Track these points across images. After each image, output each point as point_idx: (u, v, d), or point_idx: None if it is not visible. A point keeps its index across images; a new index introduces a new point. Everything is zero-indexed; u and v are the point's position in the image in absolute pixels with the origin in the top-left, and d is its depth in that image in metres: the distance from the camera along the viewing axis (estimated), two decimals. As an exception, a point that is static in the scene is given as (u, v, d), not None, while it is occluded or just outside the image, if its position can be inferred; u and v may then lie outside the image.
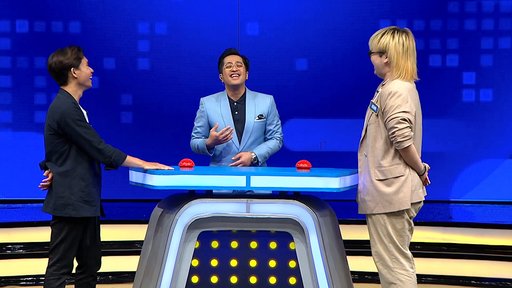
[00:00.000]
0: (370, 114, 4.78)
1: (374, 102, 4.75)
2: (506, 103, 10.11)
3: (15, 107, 10.07)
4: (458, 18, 10.10)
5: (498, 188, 10.11)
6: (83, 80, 4.88)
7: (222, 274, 4.82)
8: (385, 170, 4.70)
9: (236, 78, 5.78)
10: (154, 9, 10.15)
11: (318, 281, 4.76)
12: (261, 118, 5.81)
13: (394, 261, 4.72)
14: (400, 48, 4.72)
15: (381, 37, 4.75)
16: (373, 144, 4.73)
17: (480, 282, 7.20)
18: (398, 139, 4.61)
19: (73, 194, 4.78)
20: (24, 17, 10.00)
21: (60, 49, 4.87)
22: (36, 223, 7.80)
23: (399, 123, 4.60)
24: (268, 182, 4.77)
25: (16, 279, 7.19)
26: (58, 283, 4.80)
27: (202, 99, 5.91)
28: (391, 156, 4.70)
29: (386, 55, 4.74)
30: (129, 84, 10.16)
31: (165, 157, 5.13)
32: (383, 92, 4.69)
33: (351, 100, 9.94)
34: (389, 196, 4.68)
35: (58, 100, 4.82)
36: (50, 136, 4.80)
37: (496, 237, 7.66)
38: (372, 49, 4.79)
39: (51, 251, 4.85)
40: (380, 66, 4.78)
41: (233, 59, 5.82)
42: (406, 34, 4.75)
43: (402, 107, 4.61)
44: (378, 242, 4.74)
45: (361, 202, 4.82)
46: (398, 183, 4.68)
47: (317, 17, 10.14)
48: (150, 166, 4.86)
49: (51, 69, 4.84)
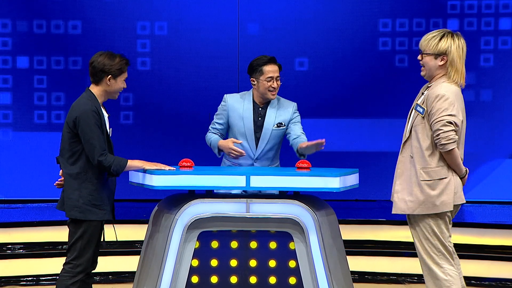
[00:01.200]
0: (415, 116, 4.79)
1: (420, 104, 4.77)
2: (506, 103, 10.11)
3: (15, 107, 10.07)
4: (458, 18, 10.10)
5: (498, 188, 10.10)
6: (113, 91, 4.92)
7: (222, 274, 4.82)
8: (431, 171, 4.73)
9: (275, 94, 5.68)
10: (154, 9, 10.14)
11: (318, 281, 4.76)
12: (280, 126, 5.69)
13: (441, 257, 4.77)
14: (461, 52, 4.77)
15: (440, 40, 4.74)
16: (420, 146, 4.75)
17: (480, 282, 7.20)
18: (442, 142, 4.65)
19: (81, 197, 4.77)
20: (24, 17, 10.00)
21: (111, 53, 4.88)
22: (36, 223, 7.80)
23: (445, 125, 4.65)
24: (268, 182, 4.78)
25: (16, 279, 7.19)
26: (73, 281, 4.79)
27: (226, 96, 5.75)
28: (437, 158, 4.74)
29: (445, 58, 4.74)
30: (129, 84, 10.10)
31: (165, 157, 5.12)
32: (431, 95, 4.72)
33: (351, 100, 9.94)
34: (433, 198, 4.73)
35: (81, 100, 4.84)
36: (66, 134, 4.82)
37: (496, 237, 7.66)
38: (427, 50, 4.77)
39: (68, 250, 4.85)
40: (434, 68, 4.78)
41: (274, 72, 5.66)
42: (463, 39, 4.79)
43: (449, 110, 4.66)
44: (425, 241, 4.77)
45: (399, 202, 4.81)
46: (442, 185, 4.74)
47: (317, 17, 10.14)
48: (151, 166, 4.86)
49: (92, 65, 4.86)
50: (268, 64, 5.67)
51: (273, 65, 5.68)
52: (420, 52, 4.84)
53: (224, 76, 9.89)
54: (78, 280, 4.81)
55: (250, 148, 5.66)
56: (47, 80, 10.04)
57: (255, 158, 5.68)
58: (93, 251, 4.85)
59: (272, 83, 5.64)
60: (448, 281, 4.75)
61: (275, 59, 5.73)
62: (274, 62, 5.71)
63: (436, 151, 4.75)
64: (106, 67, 4.83)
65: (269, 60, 5.68)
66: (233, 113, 5.67)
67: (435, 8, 10.10)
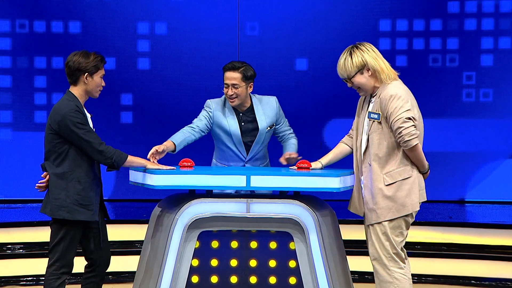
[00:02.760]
0: (370, 124, 4.80)
1: (374, 111, 4.78)
2: (506, 103, 10.11)
3: (15, 107, 10.07)
4: (458, 18, 10.11)
5: (498, 188, 10.10)
6: (91, 89, 4.89)
7: (222, 274, 4.83)
8: (393, 172, 4.73)
9: (233, 101, 5.56)
10: (154, 9, 10.15)
11: (318, 281, 4.76)
12: (272, 127, 5.69)
13: (390, 259, 4.75)
14: (374, 54, 4.81)
15: (351, 57, 4.80)
16: (378, 152, 4.76)
17: (480, 282, 7.20)
18: (406, 138, 4.66)
19: (68, 196, 4.77)
20: (24, 17, 10.00)
21: (85, 52, 4.88)
22: (36, 223, 7.80)
23: (405, 122, 4.66)
24: (268, 182, 4.78)
25: (16, 279, 7.19)
26: (58, 283, 4.80)
27: (210, 102, 5.65)
28: (397, 159, 4.74)
29: (367, 67, 4.78)
30: (129, 84, 10.16)
31: (165, 157, 5.12)
32: (383, 98, 4.74)
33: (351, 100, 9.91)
34: (402, 199, 4.72)
35: (62, 102, 4.83)
36: (50, 136, 4.80)
37: (496, 237, 7.66)
38: (351, 73, 4.80)
39: (50, 251, 4.85)
40: (367, 82, 4.82)
41: (230, 79, 5.53)
42: (367, 44, 4.84)
43: (405, 107, 4.68)
44: (376, 241, 4.76)
45: (369, 213, 4.80)
46: (407, 185, 4.73)
47: (317, 17, 10.14)
48: (153, 165, 4.87)
49: (67, 65, 4.85)
50: (227, 71, 5.56)
51: (230, 72, 5.54)
52: (346, 80, 4.85)
53: (224, 76, 9.89)
54: (63, 281, 4.82)
55: (240, 152, 5.65)
56: (47, 80, 10.04)
57: (246, 160, 5.69)
58: (75, 253, 4.86)
59: (227, 91, 5.54)
60: (393, 283, 4.73)
61: (234, 66, 5.55)
62: (234, 69, 5.54)
63: (396, 152, 4.74)
64: (82, 65, 4.82)
65: (229, 68, 5.56)
66: (218, 119, 5.62)
67: (435, 8, 10.11)
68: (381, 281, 4.78)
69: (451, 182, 10.15)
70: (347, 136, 5.15)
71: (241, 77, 5.54)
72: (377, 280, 4.80)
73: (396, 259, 4.75)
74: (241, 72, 5.55)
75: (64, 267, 4.82)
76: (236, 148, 5.64)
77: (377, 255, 4.77)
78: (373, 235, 4.78)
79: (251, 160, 5.69)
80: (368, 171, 4.80)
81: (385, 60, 4.84)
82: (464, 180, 10.15)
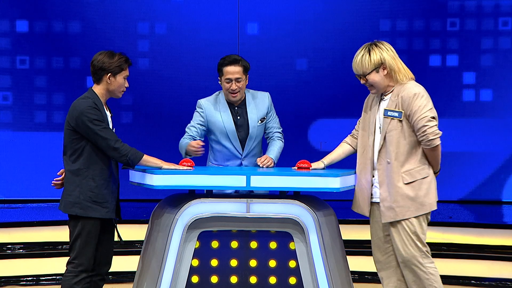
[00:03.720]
0: (388, 122, 4.79)
1: (392, 109, 4.77)
2: (506, 103, 10.11)
3: (15, 107, 10.07)
4: (458, 18, 10.10)
5: (498, 188, 10.10)
6: (113, 89, 4.92)
7: (222, 274, 4.82)
8: (413, 171, 4.75)
9: (235, 96, 5.55)
10: (154, 9, 10.15)
11: (318, 281, 4.76)
12: (262, 121, 5.67)
13: (424, 257, 4.78)
14: (392, 53, 4.83)
15: (370, 55, 4.78)
16: (397, 150, 4.76)
17: (480, 282, 7.20)
18: (430, 137, 4.68)
19: (81, 193, 4.78)
20: (24, 17, 10.00)
21: (111, 52, 4.93)
22: (36, 223, 7.80)
23: (430, 121, 4.69)
24: (268, 182, 4.78)
25: (16, 279, 7.19)
26: (75, 280, 4.79)
27: (201, 102, 5.65)
28: (417, 157, 4.77)
29: (384, 66, 4.77)
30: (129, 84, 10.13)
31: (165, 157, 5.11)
32: (405, 96, 4.73)
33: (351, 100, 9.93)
34: (421, 199, 4.75)
35: (81, 99, 4.86)
36: (68, 132, 4.83)
37: (496, 237, 7.66)
38: (367, 70, 4.79)
39: (70, 249, 4.87)
40: (381, 81, 4.81)
41: (233, 74, 5.49)
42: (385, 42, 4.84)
43: (428, 106, 4.72)
44: (409, 244, 4.77)
45: (387, 211, 4.80)
46: (425, 184, 4.77)
47: (317, 17, 10.14)
48: (169, 166, 4.85)
49: (92, 64, 4.89)
50: (228, 65, 5.51)
51: (233, 67, 5.50)
52: (359, 76, 4.83)
53: (224, 76, 9.89)
54: (81, 279, 4.81)
55: (235, 148, 5.64)
56: (47, 80, 10.04)
57: (243, 157, 5.67)
58: (94, 250, 4.85)
59: (231, 85, 5.52)
60: (429, 279, 4.76)
61: (236, 60, 5.52)
62: (235, 63, 5.50)
63: (416, 151, 4.76)
64: (105, 65, 4.86)
65: (230, 62, 5.51)
66: (211, 117, 5.60)
67: (435, 8, 10.11)
68: (416, 279, 4.79)
69: (451, 182, 10.15)
70: (350, 136, 5.15)
71: (242, 70, 5.53)
72: (413, 278, 4.79)
73: (428, 255, 4.80)
74: (242, 65, 5.54)
75: (81, 265, 4.81)
76: (231, 145, 5.62)
77: (412, 255, 4.77)
78: (403, 235, 4.78)
79: (247, 156, 5.67)
80: (384, 169, 4.79)
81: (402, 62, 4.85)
82: (464, 180, 10.15)
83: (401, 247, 4.79)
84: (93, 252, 4.85)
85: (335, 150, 5.15)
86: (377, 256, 4.98)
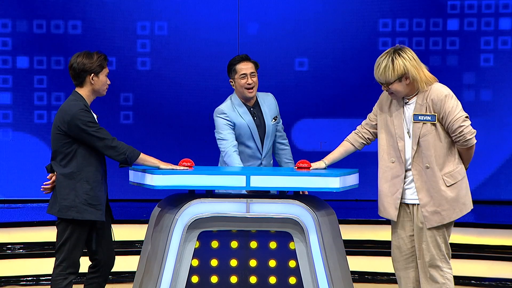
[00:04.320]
0: (421, 127, 4.76)
1: (423, 113, 4.75)
2: (506, 103, 10.10)
3: (15, 107, 10.07)
4: (458, 18, 10.10)
5: (498, 188, 10.10)
6: (98, 88, 4.90)
7: (222, 274, 4.82)
8: (453, 173, 4.78)
9: (252, 91, 5.63)
10: (154, 9, 10.14)
11: (318, 281, 4.76)
12: (275, 120, 5.73)
13: (443, 261, 4.79)
14: (415, 63, 4.76)
15: (393, 64, 4.72)
16: (435, 153, 4.74)
17: (480, 282, 7.20)
18: (467, 137, 4.71)
19: (77, 196, 4.77)
20: (24, 17, 10.00)
21: (87, 52, 4.89)
22: (36, 223, 7.80)
23: (465, 120, 4.73)
24: (268, 182, 4.77)
25: (16, 279, 7.19)
26: (65, 283, 4.80)
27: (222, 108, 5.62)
28: (455, 159, 4.80)
29: (407, 76, 4.73)
30: (129, 84, 10.16)
31: (165, 157, 5.11)
32: (436, 98, 4.73)
33: (351, 100, 9.93)
34: (463, 199, 4.80)
35: (70, 102, 4.83)
36: (58, 136, 4.80)
37: (496, 237, 7.65)
38: (390, 80, 4.74)
39: (56, 251, 4.85)
40: (404, 90, 4.78)
41: (247, 69, 5.62)
42: (407, 49, 4.78)
43: (459, 106, 4.76)
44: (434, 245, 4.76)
45: (431, 215, 4.76)
46: (464, 184, 4.82)
47: (317, 17, 10.14)
48: (166, 166, 4.84)
49: (72, 68, 4.85)
50: (241, 62, 5.65)
51: (246, 63, 5.65)
52: (382, 83, 4.79)
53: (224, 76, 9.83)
54: (70, 281, 4.82)
55: (258, 148, 5.67)
56: (47, 80, 10.04)
57: (263, 157, 5.70)
58: (81, 253, 4.86)
59: (246, 80, 5.62)
60: (445, 284, 4.75)
61: (248, 57, 5.70)
62: (247, 59, 5.68)
63: (452, 152, 4.77)
64: (87, 66, 4.83)
65: (242, 59, 5.67)
66: (235, 120, 5.62)
67: (435, 8, 10.10)
68: (434, 282, 4.77)
69: (451, 182, 10.13)
70: (355, 134, 5.07)
71: (254, 66, 5.68)
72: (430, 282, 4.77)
73: (448, 259, 4.80)
74: (253, 62, 5.70)
75: (70, 267, 4.82)
76: (255, 144, 5.65)
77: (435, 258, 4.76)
78: (436, 238, 4.77)
79: (266, 156, 5.71)
80: (423, 174, 4.75)
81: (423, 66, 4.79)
82: (464, 180, 10.13)
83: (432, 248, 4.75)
84: (80, 255, 4.85)
85: (337, 149, 5.12)
86: (397, 256, 4.93)
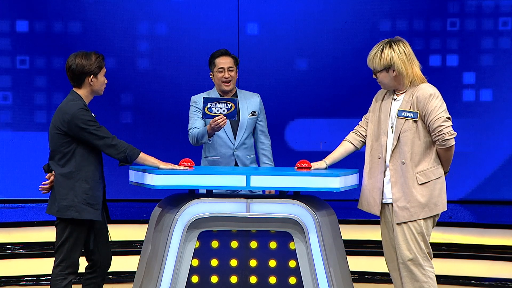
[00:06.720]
0: (403, 122, 4.78)
1: (407, 109, 4.76)
2: (506, 103, 10.11)
3: (15, 107, 10.07)
4: (458, 18, 10.11)
5: (498, 188, 10.10)
6: (97, 88, 4.89)
7: (222, 274, 4.83)
8: (427, 171, 4.75)
9: (228, 85, 5.84)
10: (154, 9, 10.15)
11: (318, 281, 4.76)
12: (253, 114, 5.87)
13: (425, 259, 4.78)
14: (404, 57, 4.78)
15: (381, 54, 4.78)
16: (412, 150, 4.75)
17: (480, 282, 7.20)
18: (446, 137, 4.70)
19: (76, 196, 4.77)
20: (24, 17, 10.00)
21: (85, 53, 4.85)
22: (36, 223, 7.80)
23: (445, 121, 4.73)
24: (268, 182, 4.78)
25: (16, 279, 7.19)
26: (64, 283, 4.80)
27: (195, 98, 5.94)
28: (431, 158, 4.77)
29: (393, 68, 4.75)
30: (129, 84, 10.16)
31: (165, 157, 5.11)
32: (421, 96, 4.74)
33: (351, 100, 9.94)
34: (435, 199, 4.76)
35: (68, 102, 4.82)
36: (56, 135, 4.79)
37: (496, 237, 7.66)
38: (377, 68, 4.79)
39: (56, 251, 4.85)
40: (390, 82, 4.82)
41: (225, 63, 5.84)
42: (403, 43, 4.83)
43: (443, 107, 4.78)
44: (413, 244, 4.76)
45: (400, 211, 4.78)
46: (439, 185, 4.79)
47: (317, 17, 10.14)
48: (166, 166, 4.84)
49: (70, 69, 4.82)
50: (220, 56, 5.88)
51: (225, 57, 5.87)
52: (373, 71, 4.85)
53: (224, 76, 9.89)
54: (70, 281, 4.82)
55: (228, 138, 5.80)
56: (47, 80, 10.04)
57: (235, 148, 5.80)
58: (80, 253, 4.86)
59: (224, 74, 5.81)
60: (427, 283, 4.75)
61: (228, 52, 5.90)
62: (227, 54, 5.89)
63: (430, 151, 4.77)
64: (86, 68, 4.81)
65: (221, 53, 5.89)
66: None
67: (435, 8, 10.11)
68: (415, 281, 4.77)
69: (451, 182, 10.11)
70: (354, 134, 5.10)
71: (233, 61, 5.87)
72: (410, 280, 4.78)
73: (429, 258, 4.79)
74: (233, 57, 5.89)
75: (70, 267, 4.82)
76: (225, 133, 5.78)
77: (413, 256, 4.76)
78: (407, 235, 4.77)
79: (239, 148, 5.81)
80: (398, 169, 4.78)
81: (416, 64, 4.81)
82: (464, 180, 10.15)
83: (405, 247, 4.77)
84: (79, 255, 4.86)
85: (337, 149, 5.13)
86: (388, 257, 4.96)
